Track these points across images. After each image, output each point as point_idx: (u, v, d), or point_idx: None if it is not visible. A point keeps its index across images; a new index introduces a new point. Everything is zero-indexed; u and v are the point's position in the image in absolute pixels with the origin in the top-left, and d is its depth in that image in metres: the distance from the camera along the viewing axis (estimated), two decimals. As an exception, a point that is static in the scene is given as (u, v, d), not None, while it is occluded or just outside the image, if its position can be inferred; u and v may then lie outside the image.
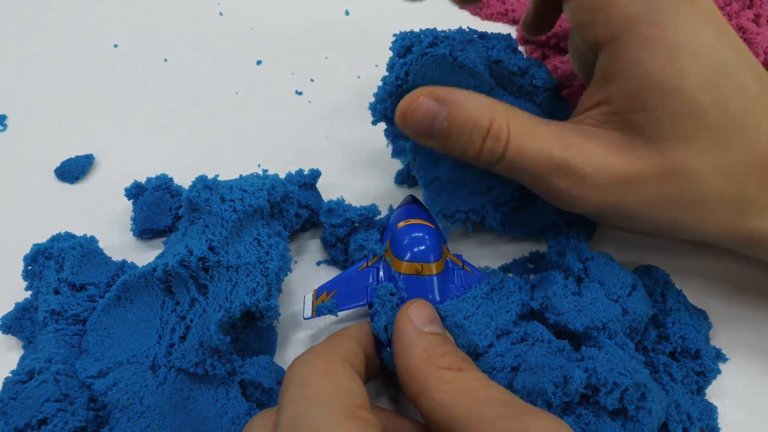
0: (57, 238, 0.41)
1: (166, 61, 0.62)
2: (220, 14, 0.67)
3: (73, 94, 0.58)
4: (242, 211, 0.38)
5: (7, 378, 0.34)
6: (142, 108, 0.57)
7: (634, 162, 0.33)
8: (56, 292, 0.38)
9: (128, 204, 0.46)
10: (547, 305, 0.36)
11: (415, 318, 0.33)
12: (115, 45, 0.63)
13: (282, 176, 0.46)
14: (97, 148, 0.53)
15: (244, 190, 0.40)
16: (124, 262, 0.42)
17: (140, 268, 0.39)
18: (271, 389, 0.34)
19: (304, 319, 0.38)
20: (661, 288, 0.39)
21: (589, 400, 0.31)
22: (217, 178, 0.41)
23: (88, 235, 0.42)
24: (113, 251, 0.43)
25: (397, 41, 0.40)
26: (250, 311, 0.36)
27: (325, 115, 0.57)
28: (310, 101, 0.58)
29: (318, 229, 0.47)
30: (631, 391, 0.31)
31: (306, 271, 0.44)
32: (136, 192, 0.45)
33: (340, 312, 0.38)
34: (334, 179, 0.50)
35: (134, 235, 0.46)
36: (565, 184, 0.34)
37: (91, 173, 0.51)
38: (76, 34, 0.65)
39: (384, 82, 0.41)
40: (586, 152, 0.33)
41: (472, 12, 0.69)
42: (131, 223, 0.45)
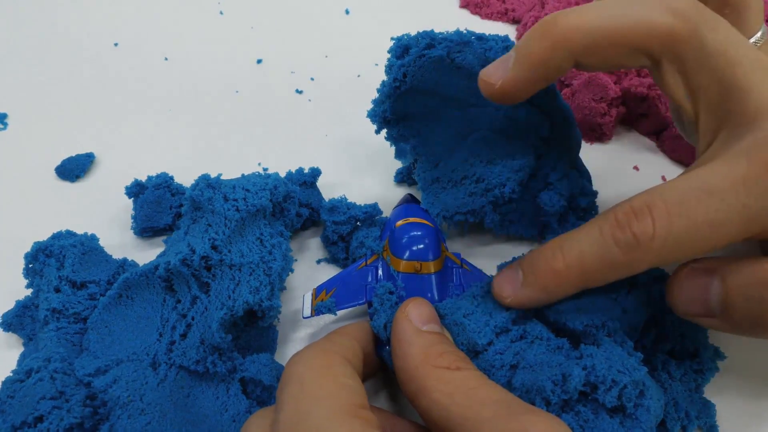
0: (58, 236, 0.41)
1: (166, 59, 0.62)
2: (221, 13, 0.68)
3: (74, 93, 0.58)
4: (245, 211, 0.38)
5: (7, 377, 0.34)
6: (142, 106, 0.57)
7: None
8: (57, 290, 0.38)
9: (129, 202, 0.46)
10: (549, 305, 0.36)
11: (414, 317, 0.32)
12: (116, 44, 0.63)
13: (282, 175, 0.46)
14: (97, 146, 0.53)
15: (247, 190, 0.40)
16: (124, 260, 0.42)
17: (142, 266, 0.39)
18: (272, 386, 0.34)
19: (304, 318, 0.38)
20: (660, 286, 0.39)
21: (587, 397, 0.31)
22: (220, 177, 0.41)
23: (88, 233, 0.42)
24: (114, 249, 0.43)
25: (395, 44, 0.40)
26: (252, 310, 0.36)
27: (325, 114, 0.57)
28: (310, 100, 0.58)
29: (318, 228, 0.47)
30: (629, 389, 0.30)
31: (306, 270, 0.44)
32: (136, 190, 0.45)
33: (339, 311, 0.38)
34: (333, 178, 0.50)
35: (135, 233, 0.46)
36: None
37: (92, 172, 0.51)
38: (76, 33, 0.65)
39: (382, 85, 0.41)
40: None
41: (472, 11, 0.70)
42: (132, 221, 0.45)
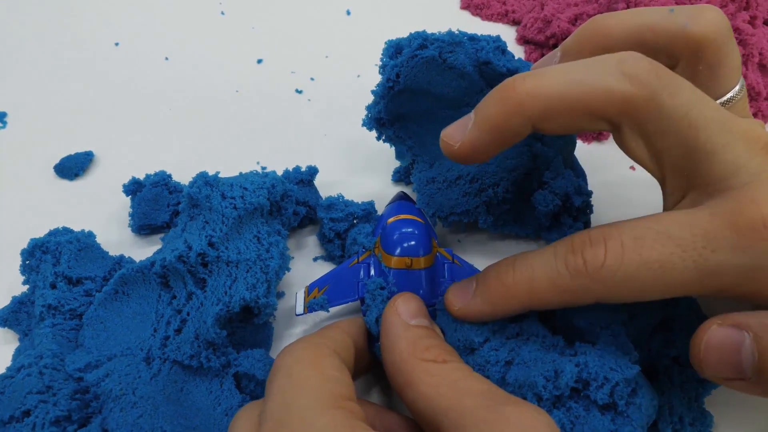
0: (54, 233, 0.41)
1: (167, 59, 0.62)
2: (222, 13, 0.68)
3: (74, 92, 0.58)
4: (243, 209, 0.39)
5: (0, 374, 0.34)
6: (142, 106, 0.57)
7: None
8: (53, 286, 0.38)
9: (127, 201, 0.46)
10: None
11: (402, 311, 0.32)
12: (116, 43, 0.64)
13: (280, 173, 0.46)
14: (96, 145, 0.53)
15: (245, 188, 0.40)
16: (121, 257, 0.42)
17: (138, 262, 0.39)
18: (265, 381, 0.35)
19: (297, 315, 0.39)
20: None
21: (579, 394, 0.31)
22: (218, 175, 0.42)
23: (85, 231, 0.42)
24: (112, 247, 0.43)
25: (388, 45, 0.41)
26: (248, 306, 0.37)
27: (324, 114, 0.57)
28: (309, 100, 0.58)
29: (315, 226, 0.47)
30: (621, 387, 0.31)
31: (303, 267, 0.45)
32: (134, 188, 0.46)
33: (331, 308, 0.38)
34: (332, 177, 0.50)
35: (132, 230, 0.46)
36: None
37: (91, 170, 0.52)
38: (77, 33, 0.65)
39: (377, 87, 0.42)
40: None
41: (473, 13, 0.70)
42: (129, 219, 0.46)
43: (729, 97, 0.37)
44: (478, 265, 0.41)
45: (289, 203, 0.43)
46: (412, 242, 0.38)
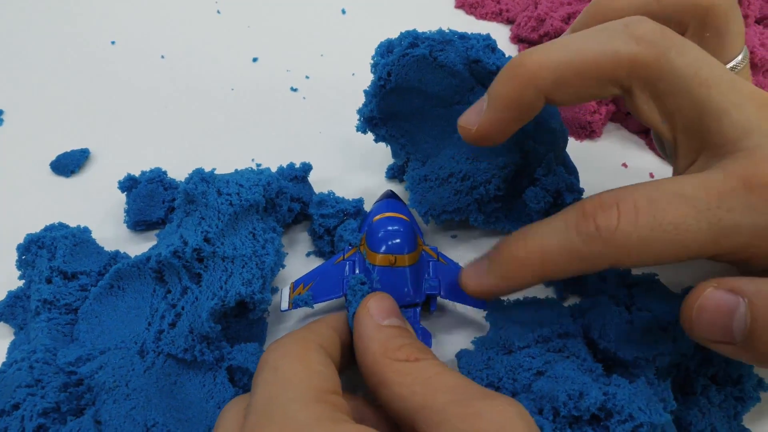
0: (50, 228, 0.41)
1: (163, 57, 0.63)
2: (218, 12, 0.68)
3: (70, 90, 0.59)
4: (238, 205, 0.39)
5: None
6: (138, 103, 0.58)
7: None
8: (48, 281, 0.38)
9: (122, 198, 0.47)
10: (602, 333, 0.36)
11: (375, 311, 0.32)
12: (113, 42, 0.64)
13: (274, 170, 0.47)
14: (92, 142, 0.53)
15: (241, 185, 0.40)
16: (117, 252, 0.42)
17: (134, 257, 0.39)
18: (258, 375, 0.35)
19: (282, 311, 0.39)
20: None
21: (599, 423, 0.31)
22: (214, 171, 0.42)
23: (81, 226, 0.42)
24: (107, 243, 0.43)
25: (380, 44, 0.41)
26: (243, 301, 0.37)
27: (319, 112, 0.57)
28: (305, 98, 0.59)
29: (308, 222, 0.47)
30: (645, 429, 0.29)
31: (296, 263, 0.45)
32: (129, 184, 0.46)
33: (316, 304, 0.38)
34: (326, 174, 0.51)
35: (128, 227, 0.46)
36: None
37: (87, 167, 0.52)
38: (74, 31, 0.65)
39: (369, 86, 0.42)
40: None
41: (467, 12, 0.70)
42: (125, 215, 0.46)
43: (734, 63, 0.37)
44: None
45: (283, 200, 0.44)
46: (397, 240, 0.38)
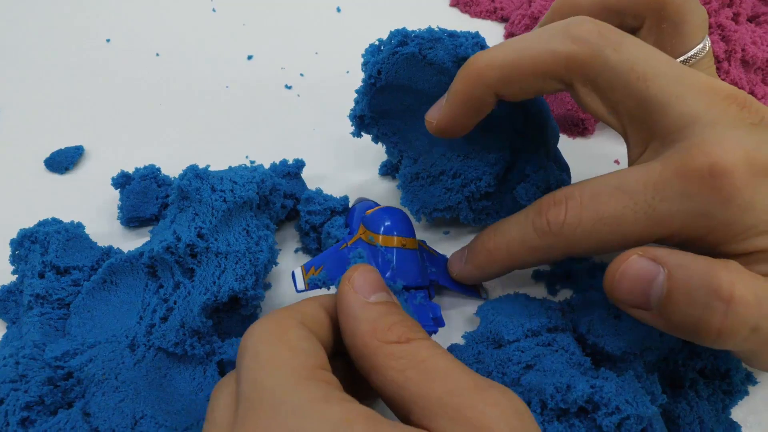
0: (43, 223, 0.41)
1: (158, 55, 0.63)
2: (213, 10, 0.68)
3: (65, 87, 0.59)
4: (232, 202, 0.39)
5: None
6: (133, 101, 0.58)
7: None
8: (41, 275, 0.39)
9: (117, 194, 0.47)
10: (590, 328, 0.36)
11: (359, 286, 0.30)
12: (108, 40, 0.64)
13: (267, 167, 0.47)
14: (87, 139, 0.54)
15: (235, 182, 0.40)
16: (110, 248, 0.42)
17: (127, 252, 0.40)
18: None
19: (298, 292, 0.38)
20: None
21: (587, 415, 0.31)
22: (208, 168, 0.42)
23: (75, 221, 0.42)
24: (101, 239, 0.44)
25: (371, 44, 0.42)
26: (236, 297, 0.37)
27: (313, 109, 0.58)
28: (299, 95, 0.59)
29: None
30: (631, 421, 0.30)
31: (286, 258, 0.45)
32: (122, 181, 0.46)
33: (333, 287, 0.38)
34: (320, 170, 0.51)
35: (121, 223, 0.46)
36: None
37: (81, 164, 0.52)
38: (69, 29, 0.66)
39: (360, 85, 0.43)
40: None
41: (462, 10, 0.70)
42: (118, 211, 0.46)
43: (692, 53, 0.38)
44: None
45: (277, 197, 0.44)
46: (406, 224, 0.39)
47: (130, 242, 0.46)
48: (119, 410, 0.33)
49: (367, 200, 0.44)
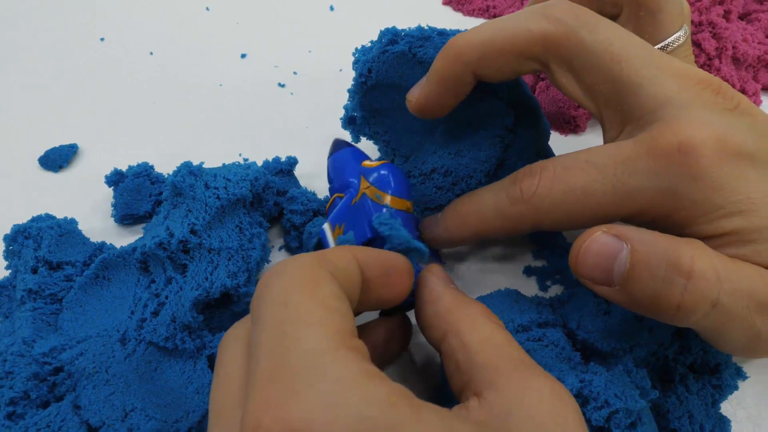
0: (37, 219, 0.42)
1: (152, 54, 0.63)
2: (207, 9, 0.69)
3: (60, 86, 0.59)
4: (226, 199, 0.40)
5: None
6: (127, 99, 0.58)
7: None
8: (34, 271, 0.39)
9: (110, 192, 0.47)
10: (580, 324, 0.36)
11: (441, 277, 0.33)
12: (102, 39, 0.64)
13: (260, 164, 0.47)
14: (81, 137, 0.54)
15: (228, 179, 0.41)
16: (103, 244, 0.43)
17: (120, 248, 0.40)
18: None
19: None
20: None
21: None
22: (202, 165, 0.42)
23: (68, 218, 0.43)
24: (95, 236, 0.44)
25: (363, 46, 0.42)
26: (228, 294, 0.38)
27: (306, 107, 0.58)
28: (292, 93, 0.59)
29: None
30: (620, 415, 0.30)
31: (275, 257, 0.46)
32: (116, 179, 0.46)
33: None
34: (312, 168, 0.51)
35: (115, 221, 0.47)
36: None
37: (75, 162, 0.52)
38: (64, 28, 0.66)
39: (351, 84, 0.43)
40: None
41: (454, 8, 0.71)
42: (112, 209, 0.46)
43: (668, 41, 0.39)
44: (462, 253, 0.42)
45: (270, 195, 0.44)
46: (408, 186, 0.39)
47: (124, 239, 0.46)
48: (109, 403, 0.33)
49: (345, 142, 0.43)
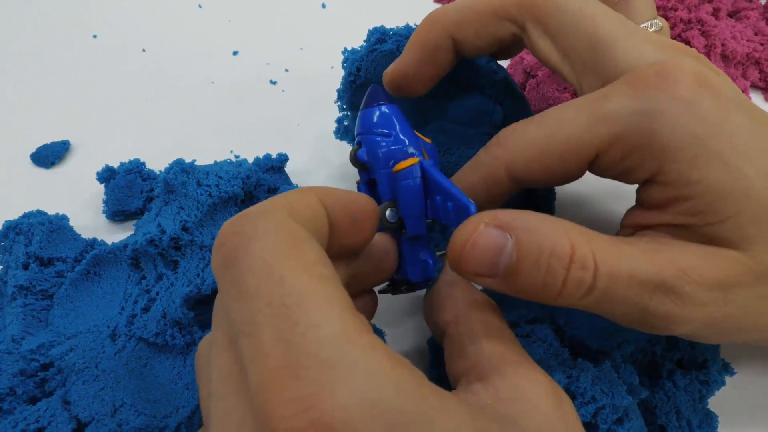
0: (28, 215, 0.42)
1: (144, 51, 0.63)
2: (199, 6, 0.69)
3: (52, 83, 0.59)
4: (218, 197, 0.40)
5: None
6: (119, 96, 0.58)
7: (728, 268, 0.28)
8: (25, 267, 0.39)
9: (102, 189, 0.47)
10: (568, 321, 0.37)
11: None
12: (95, 36, 0.65)
13: (251, 161, 0.47)
14: (73, 134, 0.54)
15: (220, 177, 0.41)
16: (94, 240, 0.43)
17: (111, 244, 0.40)
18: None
19: None
20: None
21: None
22: (194, 162, 0.43)
23: (59, 214, 0.43)
24: (86, 232, 0.44)
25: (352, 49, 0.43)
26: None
27: (297, 104, 0.58)
28: (284, 90, 0.59)
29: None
30: (607, 411, 0.30)
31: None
32: (107, 175, 0.47)
33: None
34: (304, 165, 0.52)
35: (107, 217, 0.47)
36: (664, 306, 0.28)
37: (67, 159, 0.53)
38: (56, 26, 0.66)
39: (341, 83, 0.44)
40: (680, 267, 0.28)
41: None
42: (103, 205, 0.47)
43: (642, 26, 0.39)
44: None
45: (261, 193, 0.44)
46: None
47: (116, 235, 0.46)
48: (99, 398, 0.33)
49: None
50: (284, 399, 0.18)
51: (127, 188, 0.46)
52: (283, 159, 0.48)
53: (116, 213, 0.46)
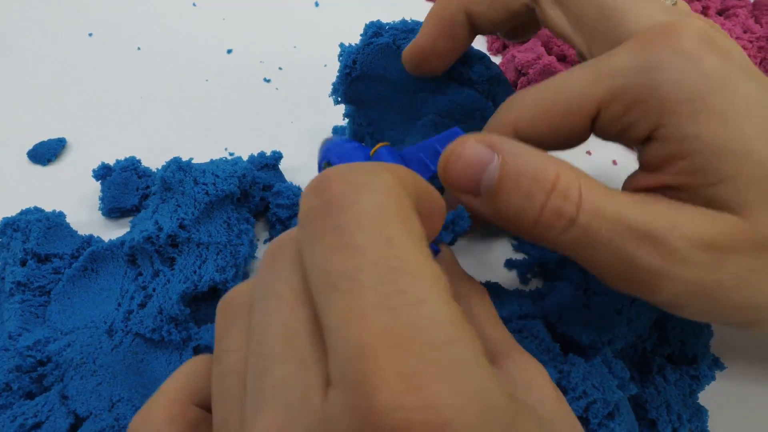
0: (25, 212, 0.42)
1: (139, 49, 0.63)
2: (194, 4, 0.69)
3: (48, 80, 0.60)
4: (214, 195, 0.40)
5: None
6: (114, 94, 0.59)
7: (725, 231, 0.27)
8: (23, 263, 0.39)
9: (98, 186, 0.48)
10: (560, 317, 0.37)
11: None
12: (90, 34, 0.65)
13: (245, 158, 0.48)
14: (69, 131, 0.54)
15: (217, 175, 0.41)
16: (90, 236, 0.43)
17: (109, 241, 0.40)
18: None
19: None
20: None
21: None
22: (191, 161, 0.43)
23: (56, 211, 0.43)
24: (83, 229, 0.44)
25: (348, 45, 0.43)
26: (216, 288, 0.38)
27: (291, 102, 0.58)
28: (277, 88, 0.60)
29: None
30: (598, 405, 0.31)
31: (259, 250, 0.46)
32: (103, 173, 0.47)
33: None
34: (297, 163, 0.52)
35: (103, 214, 0.47)
36: (651, 258, 0.27)
37: (63, 156, 0.53)
38: (52, 23, 0.66)
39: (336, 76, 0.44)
40: (673, 220, 0.27)
41: (440, 4, 0.71)
42: (99, 202, 0.47)
43: None
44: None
45: (256, 190, 0.45)
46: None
47: (111, 232, 0.46)
48: (96, 393, 0.34)
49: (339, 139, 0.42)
50: (391, 371, 0.16)
51: (123, 185, 0.46)
52: (277, 156, 0.49)
53: (112, 210, 0.47)
